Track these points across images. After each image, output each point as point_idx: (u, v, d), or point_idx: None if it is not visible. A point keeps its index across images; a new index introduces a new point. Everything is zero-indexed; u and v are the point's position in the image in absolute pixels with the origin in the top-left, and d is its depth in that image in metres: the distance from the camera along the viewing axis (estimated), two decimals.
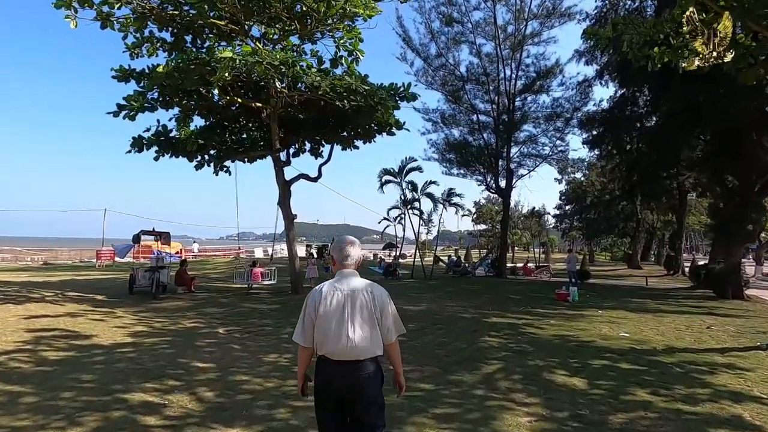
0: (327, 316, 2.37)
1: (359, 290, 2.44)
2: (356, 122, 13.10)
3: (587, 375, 5.70)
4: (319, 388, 2.43)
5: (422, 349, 6.89)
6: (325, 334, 2.36)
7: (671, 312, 11.44)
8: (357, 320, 2.37)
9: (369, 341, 2.38)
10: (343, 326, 2.34)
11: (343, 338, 2.33)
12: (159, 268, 11.74)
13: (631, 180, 25.23)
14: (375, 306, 2.43)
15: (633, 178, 24.94)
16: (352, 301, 2.40)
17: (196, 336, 7.34)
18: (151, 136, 12.17)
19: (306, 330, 2.43)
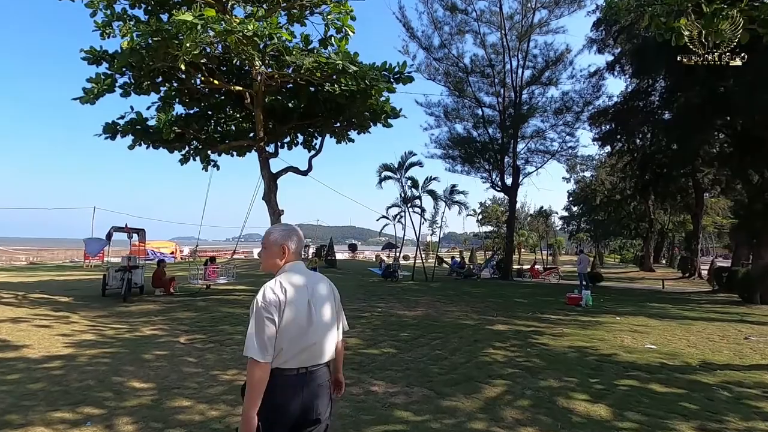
0: (293, 319, 1.91)
1: (320, 285, 2.09)
2: (349, 111, 12.06)
3: (614, 401, 4.58)
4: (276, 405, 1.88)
5: (412, 364, 5.80)
6: (291, 341, 1.89)
7: (698, 319, 10.24)
8: (323, 320, 2.02)
9: (331, 342, 2.07)
10: (311, 328, 1.95)
11: (310, 342, 1.94)
12: (132, 267, 10.73)
13: (643, 178, 23.98)
14: (335, 300, 2.15)
15: (646, 176, 23.70)
16: (316, 298, 2.02)
17: (149, 346, 6.30)
18: (125, 123, 11.20)
19: (267, 339, 1.84)
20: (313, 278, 2.09)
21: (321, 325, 1.99)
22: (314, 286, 2.05)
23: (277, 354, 1.86)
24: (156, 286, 11.85)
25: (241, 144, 12.47)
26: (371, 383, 4.99)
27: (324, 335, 2.00)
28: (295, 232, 2.11)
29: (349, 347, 6.61)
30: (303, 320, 1.92)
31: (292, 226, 2.18)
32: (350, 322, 2.99)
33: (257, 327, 1.85)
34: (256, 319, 1.86)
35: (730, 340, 7.90)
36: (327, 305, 2.06)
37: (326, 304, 2.05)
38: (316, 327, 1.96)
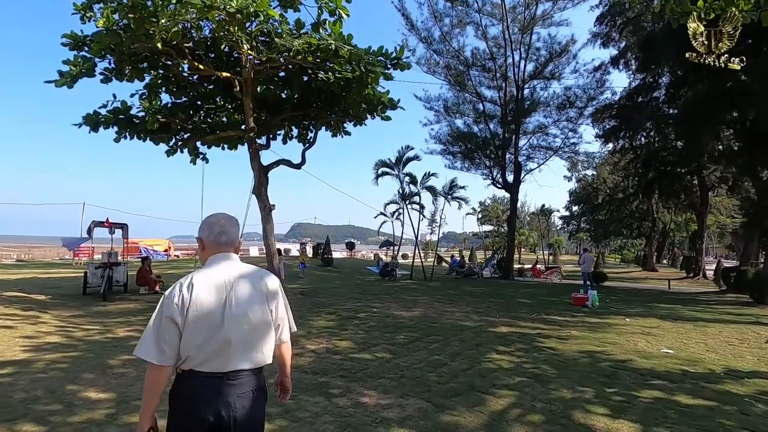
0: (201, 319, 1.67)
1: (245, 279, 1.81)
2: (345, 101, 11.46)
3: (638, 416, 4.01)
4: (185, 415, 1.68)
5: (408, 371, 5.22)
6: (200, 343, 1.66)
7: (712, 321, 9.68)
8: (244, 320, 1.74)
9: (258, 346, 1.78)
10: (222, 329, 1.69)
11: (224, 345, 1.69)
12: (113, 264, 10.13)
13: (647, 176, 23.42)
14: (268, 298, 1.83)
15: (649, 174, 23.14)
16: (237, 294, 1.75)
17: (119, 350, 5.72)
18: (107, 112, 10.59)
19: (166, 341, 1.65)
20: (238, 274, 1.80)
21: (240, 327, 1.72)
22: (236, 284, 1.77)
23: (185, 358, 1.67)
24: (140, 284, 11.25)
25: (229, 135, 11.84)
26: (361, 393, 4.42)
27: (245, 338, 1.73)
28: (211, 223, 1.86)
29: (339, 351, 6.04)
30: (214, 321, 1.69)
31: (216, 215, 1.91)
32: (343, 323, 2.66)
33: (154, 325, 1.68)
34: (155, 317, 1.69)
35: (751, 345, 7.34)
36: (252, 305, 1.77)
37: (251, 304, 1.77)
38: (231, 328, 1.70)
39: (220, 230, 1.85)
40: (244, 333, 1.73)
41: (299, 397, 4.26)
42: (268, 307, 1.82)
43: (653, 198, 27.97)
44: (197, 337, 1.66)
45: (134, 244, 27.91)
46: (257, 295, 1.80)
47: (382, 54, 9.70)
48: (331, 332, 7.26)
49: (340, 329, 7.49)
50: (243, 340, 1.73)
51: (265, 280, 1.86)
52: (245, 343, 1.73)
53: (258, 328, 1.77)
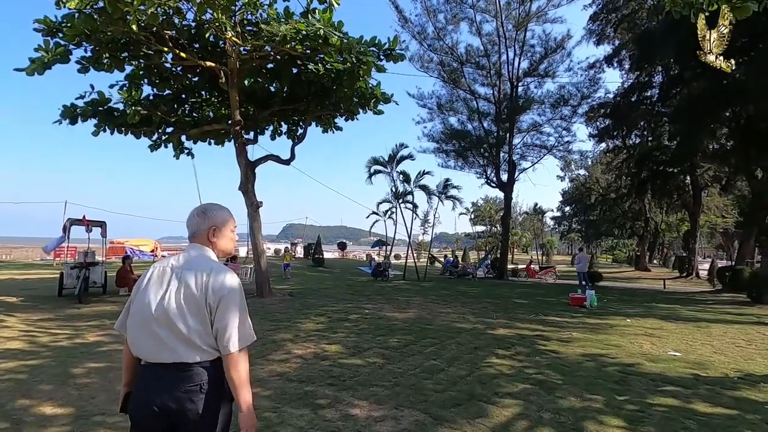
0: (140, 298, 1.70)
1: (193, 270, 1.71)
2: (336, 94, 11.04)
3: (656, 427, 3.65)
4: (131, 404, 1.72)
5: (403, 378, 4.81)
6: (133, 326, 1.70)
7: (713, 321, 9.41)
8: (175, 308, 1.65)
9: (185, 340, 1.64)
10: (153, 318, 1.64)
11: (151, 330, 1.65)
12: (89, 264, 9.58)
13: (640, 176, 23.32)
14: (208, 295, 1.66)
15: (642, 173, 23.04)
16: (178, 283, 1.69)
17: (85, 357, 5.24)
18: (86, 104, 10.04)
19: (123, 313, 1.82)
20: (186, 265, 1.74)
21: (167, 320, 1.65)
22: (183, 277, 1.71)
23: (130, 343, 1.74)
24: (120, 285, 10.70)
25: (215, 129, 11.33)
26: (351, 404, 4.00)
27: (169, 333, 1.65)
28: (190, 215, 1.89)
29: (328, 356, 5.62)
30: (149, 308, 1.66)
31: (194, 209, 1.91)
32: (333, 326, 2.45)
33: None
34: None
35: (759, 346, 7.04)
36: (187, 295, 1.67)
37: (186, 294, 1.68)
38: (159, 319, 1.65)
39: (188, 222, 1.86)
40: (170, 328, 1.64)
41: (282, 409, 3.84)
42: (207, 301, 1.67)
43: (646, 198, 27.91)
44: (134, 318, 1.70)
45: (120, 245, 27.19)
46: (198, 287, 1.68)
47: (375, 44, 9.29)
48: (320, 335, 6.82)
49: (329, 332, 7.06)
50: (167, 336, 1.65)
51: (213, 275, 1.70)
52: (167, 338, 1.65)
53: (187, 319, 1.65)
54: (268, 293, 10.85)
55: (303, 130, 12.50)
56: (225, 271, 1.75)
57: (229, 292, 1.70)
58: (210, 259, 1.79)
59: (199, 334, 1.66)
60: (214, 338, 1.68)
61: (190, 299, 1.66)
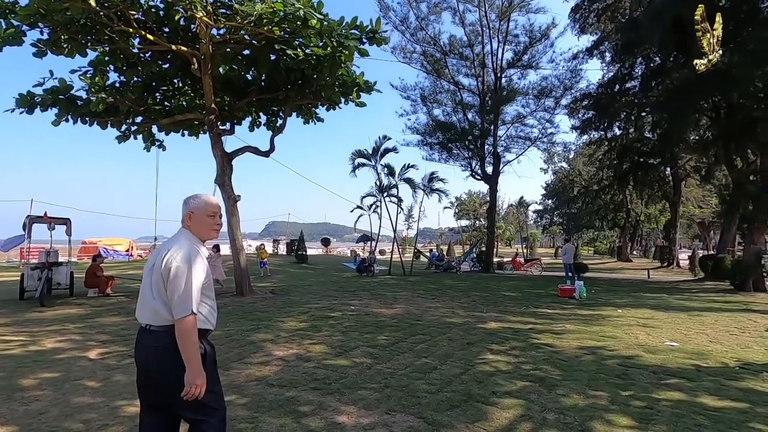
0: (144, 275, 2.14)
1: (162, 249, 2.09)
2: (316, 82, 10.56)
3: (667, 425, 3.38)
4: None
5: (393, 378, 4.44)
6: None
7: (703, 309, 9.35)
8: (147, 281, 2.07)
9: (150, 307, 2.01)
10: (143, 284, 2.10)
11: (140, 297, 2.10)
12: (52, 265, 8.90)
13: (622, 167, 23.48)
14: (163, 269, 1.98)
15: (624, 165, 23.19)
16: (154, 259, 2.09)
17: (39, 366, 4.71)
18: (45, 92, 9.31)
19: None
20: (163, 246, 2.11)
21: (144, 289, 2.06)
22: (158, 254, 2.07)
23: None
24: (90, 286, 10.03)
25: (188, 118, 10.69)
26: (338, 410, 3.62)
27: (140, 299, 2.08)
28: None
29: (312, 357, 5.21)
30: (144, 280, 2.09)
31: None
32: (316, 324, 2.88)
33: None
34: None
35: (753, 334, 6.94)
36: (150, 272, 2.05)
37: (150, 271, 2.06)
38: (143, 288, 2.07)
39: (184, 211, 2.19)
40: (145, 290, 2.04)
41: (260, 418, 3.43)
42: (161, 277, 1.97)
43: (628, 189, 28.20)
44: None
45: (92, 245, 26.11)
46: (160, 262, 1.99)
47: (357, 26, 8.83)
48: (304, 335, 6.40)
49: (313, 331, 6.65)
50: (142, 296, 2.06)
51: (169, 250, 2.01)
52: (142, 299, 2.06)
53: (152, 289, 2.00)
54: (249, 291, 10.35)
55: (282, 120, 11.97)
56: (182, 248, 2.02)
57: (176, 263, 1.96)
58: (178, 240, 2.09)
59: (162, 302, 1.98)
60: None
61: (156, 272, 2.01)
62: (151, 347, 1.98)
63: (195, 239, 2.13)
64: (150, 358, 1.99)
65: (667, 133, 16.66)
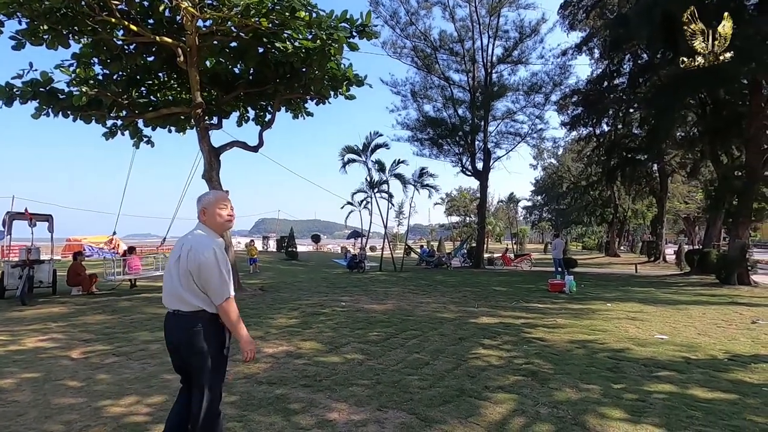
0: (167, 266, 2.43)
1: (183, 244, 2.37)
2: (305, 76, 10.40)
3: (659, 418, 3.37)
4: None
5: (385, 374, 4.38)
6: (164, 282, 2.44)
7: (690, 303, 9.47)
8: (174, 271, 2.34)
9: (175, 294, 2.33)
10: (166, 278, 2.41)
11: (165, 289, 2.40)
12: (33, 262, 8.65)
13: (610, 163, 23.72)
14: (189, 263, 2.28)
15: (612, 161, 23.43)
16: (175, 252, 2.38)
17: (19, 366, 4.56)
18: (24, 84, 9.02)
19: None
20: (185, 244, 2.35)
21: (168, 276, 2.38)
22: (182, 247, 2.35)
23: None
24: (72, 284, 9.79)
25: (173, 112, 10.45)
26: (329, 407, 3.55)
27: (167, 288, 2.38)
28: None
29: (302, 354, 5.13)
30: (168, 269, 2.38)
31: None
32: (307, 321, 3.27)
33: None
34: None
35: (739, 326, 7.04)
36: (177, 261, 2.32)
37: (176, 263, 2.32)
38: (166, 279, 2.40)
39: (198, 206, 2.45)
40: (168, 279, 2.37)
41: (249, 416, 3.34)
42: (186, 269, 2.27)
43: (615, 185, 28.51)
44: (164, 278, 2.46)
45: (77, 242, 25.58)
46: (182, 256, 2.29)
47: (347, 19, 8.70)
48: (293, 332, 6.31)
49: (303, 328, 6.56)
50: (167, 289, 2.37)
51: (192, 247, 2.29)
52: (168, 287, 2.36)
53: (175, 279, 2.32)
54: (238, 288, 10.19)
55: (271, 115, 11.79)
56: (202, 243, 2.30)
57: (201, 259, 2.25)
58: (195, 235, 2.38)
59: (190, 291, 2.29)
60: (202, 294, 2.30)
61: (182, 266, 2.29)
62: (181, 328, 2.32)
63: (211, 232, 2.41)
64: (179, 337, 2.33)
65: (655, 129, 16.84)
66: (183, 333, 2.31)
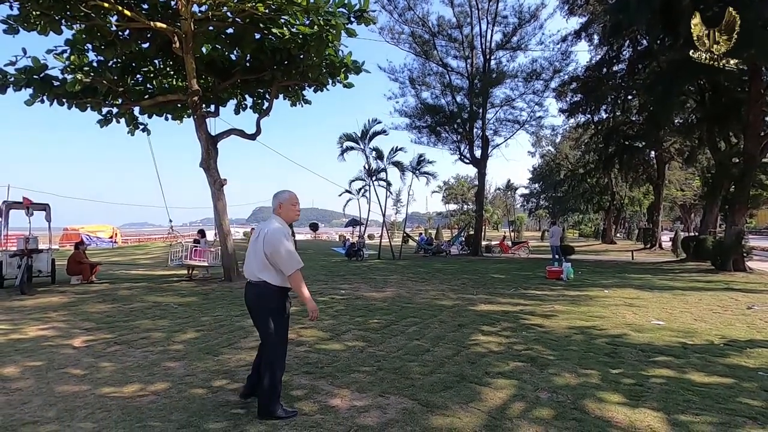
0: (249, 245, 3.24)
1: (262, 229, 3.17)
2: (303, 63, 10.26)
3: (657, 402, 3.43)
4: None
5: (386, 361, 4.43)
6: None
7: (686, 289, 9.57)
8: (252, 249, 3.16)
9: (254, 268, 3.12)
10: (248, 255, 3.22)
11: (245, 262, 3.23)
12: (32, 251, 8.62)
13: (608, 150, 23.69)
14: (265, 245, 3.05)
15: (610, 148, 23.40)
16: (257, 234, 3.18)
17: (21, 354, 4.58)
18: (18, 71, 8.87)
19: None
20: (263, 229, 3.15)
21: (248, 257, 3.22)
22: (261, 231, 3.16)
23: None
24: (72, 273, 9.77)
25: (169, 100, 10.31)
26: (331, 393, 3.59)
27: (247, 263, 3.22)
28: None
29: (303, 342, 5.17)
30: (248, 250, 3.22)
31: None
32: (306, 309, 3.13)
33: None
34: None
35: (735, 311, 7.12)
36: (254, 243, 3.15)
37: (255, 243, 3.15)
38: (247, 256, 3.24)
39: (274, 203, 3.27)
40: (250, 257, 3.17)
41: (252, 403, 3.37)
42: (261, 248, 3.05)
43: (613, 172, 28.52)
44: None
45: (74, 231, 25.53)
46: (259, 240, 3.10)
47: (344, 4, 8.56)
48: (293, 319, 6.31)
49: (303, 315, 6.57)
50: (249, 262, 3.18)
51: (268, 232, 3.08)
52: (249, 264, 3.18)
53: (251, 257, 3.16)
54: (237, 277, 10.22)
55: (269, 102, 11.66)
56: (276, 229, 3.08)
57: (274, 242, 3.02)
58: (271, 223, 3.14)
59: (259, 266, 3.07)
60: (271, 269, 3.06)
61: (259, 245, 3.07)
62: (254, 293, 3.12)
63: (283, 222, 3.19)
64: (252, 300, 3.14)
65: (654, 116, 16.78)
66: (254, 297, 3.11)
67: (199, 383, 3.81)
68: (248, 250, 3.16)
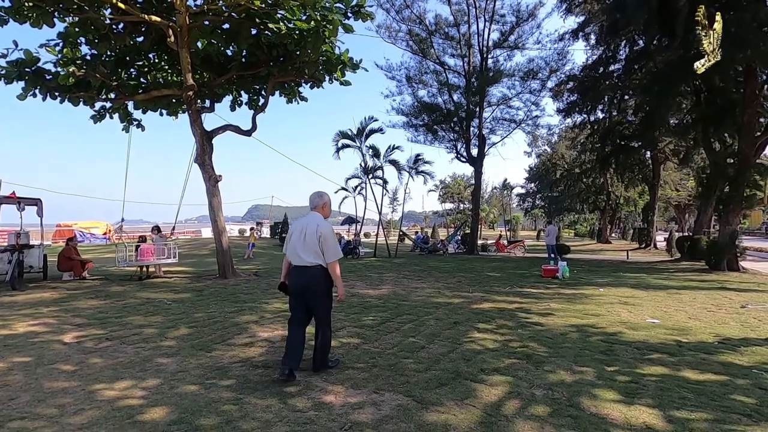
0: (293, 237, 3.85)
1: (312, 224, 3.80)
2: (299, 59, 10.19)
3: (652, 399, 3.42)
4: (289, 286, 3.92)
5: (381, 358, 4.40)
6: (290, 248, 3.88)
7: (680, 288, 9.60)
8: (299, 240, 3.79)
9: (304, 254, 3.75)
10: (297, 243, 3.80)
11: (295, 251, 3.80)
12: (23, 247, 8.52)
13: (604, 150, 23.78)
14: (319, 234, 3.74)
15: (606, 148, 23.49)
16: (307, 229, 3.78)
17: (10, 351, 4.51)
18: (9, 64, 8.75)
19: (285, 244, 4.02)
20: (306, 222, 3.87)
21: (302, 246, 3.77)
22: (308, 227, 3.80)
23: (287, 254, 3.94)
24: (64, 269, 9.67)
25: (164, 94, 10.21)
26: (325, 390, 3.55)
27: (294, 250, 3.83)
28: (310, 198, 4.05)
29: None
30: (297, 241, 3.81)
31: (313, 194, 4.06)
32: None
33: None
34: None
35: (729, 310, 7.14)
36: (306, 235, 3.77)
37: (306, 234, 3.77)
38: (298, 246, 3.79)
39: (310, 200, 4.02)
40: (294, 247, 3.82)
41: (245, 399, 3.33)
42: (315, 238, 3.73)
43: (609, 172, 28.63)
44: (288, 244, 3.91)
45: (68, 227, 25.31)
46: (311, 231, 3.76)
47: (341, 0, 8.50)
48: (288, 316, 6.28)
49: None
50: (294, 251, 3.82)
51: (313, 225, 3.79)
52: (294, 252, 3.82)
53: (298, 246, 3.79)
54: (231, 274, 10.16)
55: (264, 99, 11.58)
56: (326, 224, 3.86)
57: (326, 234, 3.75)
58: (317, 218, 3.87)
59: (313, 253, 3.74)
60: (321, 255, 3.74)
61: (311, 237, 3.73)
62: (307, 275, 3.74)
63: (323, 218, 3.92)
64: (307, 281, 3.75)
65: (650, 116, 16.84)
66: (306, 280, 3.73)
67: (192, 379, 3.76)
68: (292, 242, 3.80)
